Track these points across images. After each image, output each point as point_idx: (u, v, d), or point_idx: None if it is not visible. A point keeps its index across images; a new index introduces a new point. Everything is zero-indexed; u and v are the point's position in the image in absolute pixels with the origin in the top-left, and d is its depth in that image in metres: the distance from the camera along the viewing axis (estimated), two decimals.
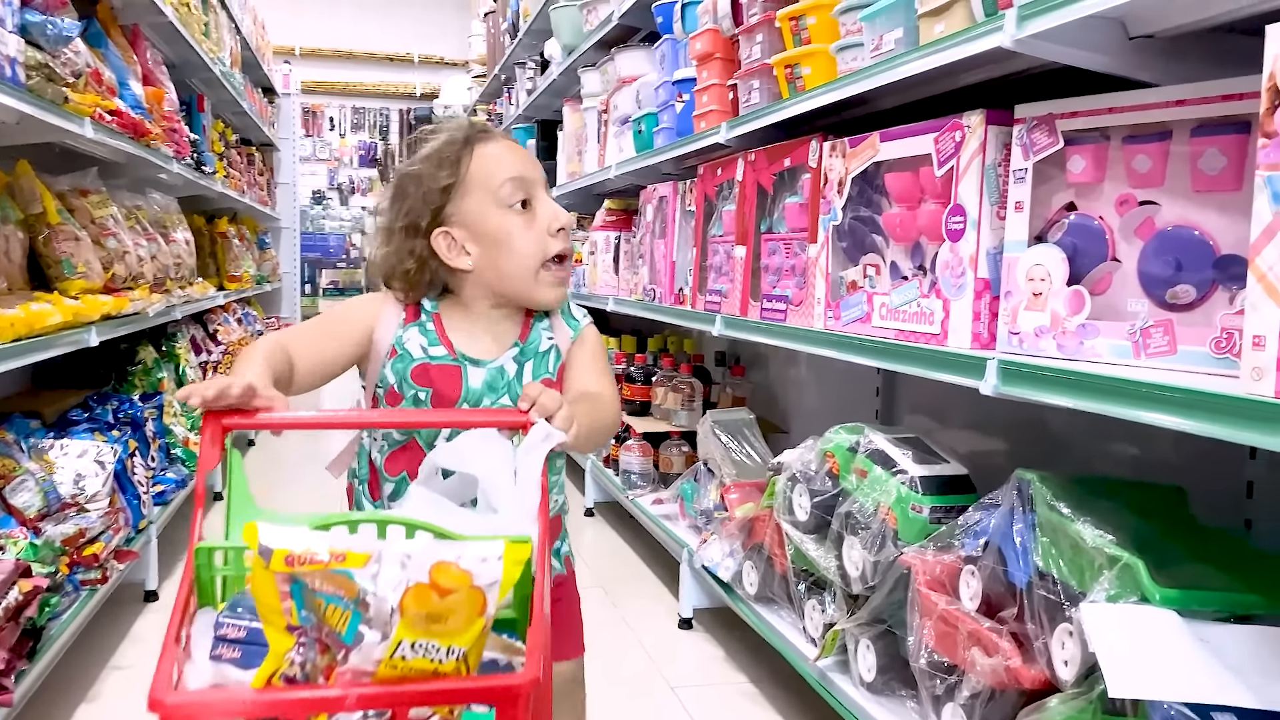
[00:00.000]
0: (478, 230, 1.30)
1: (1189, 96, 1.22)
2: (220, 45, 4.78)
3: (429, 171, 1.31)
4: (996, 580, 1.40)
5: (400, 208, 1.33)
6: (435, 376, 1.30)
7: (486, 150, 1.32)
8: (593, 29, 3.63)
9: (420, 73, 10.99)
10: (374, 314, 1.33)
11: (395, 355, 1.30)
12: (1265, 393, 0.95)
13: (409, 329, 1.32)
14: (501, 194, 1.29)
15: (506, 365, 1.33)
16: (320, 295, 10.57)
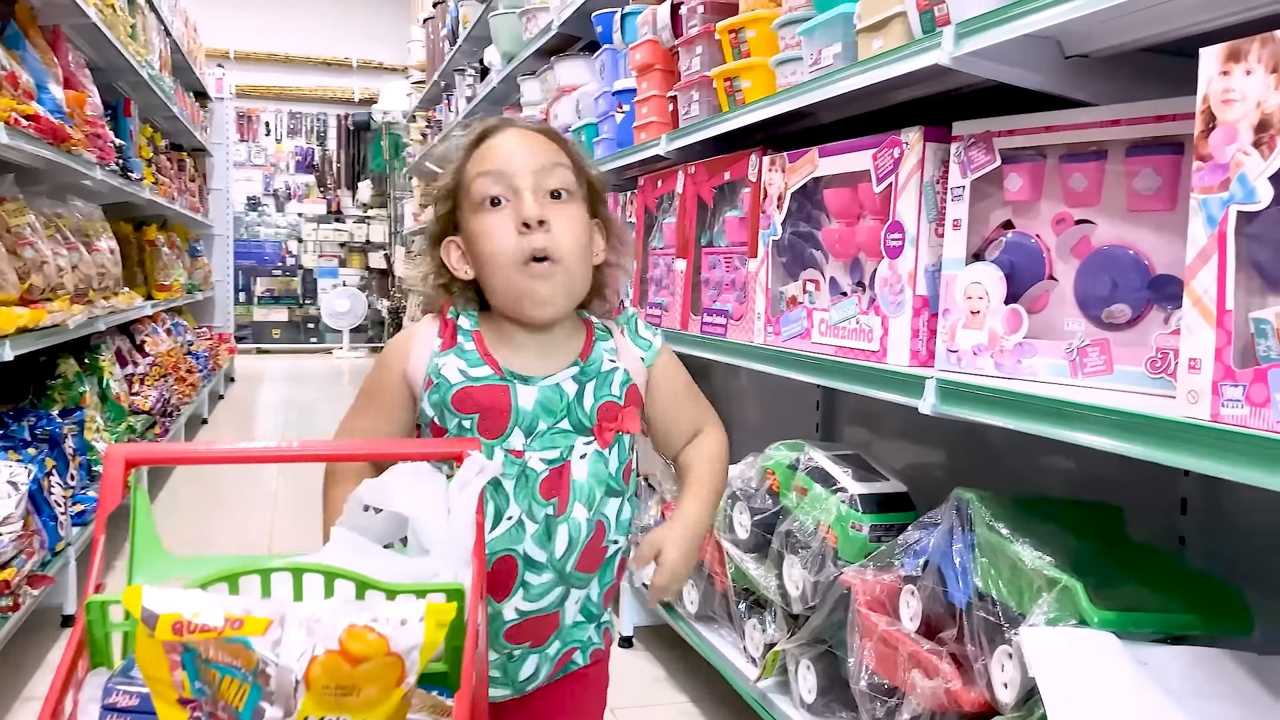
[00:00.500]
0: (467, 238, 1.20)
1: (1124, 116, 1.22)
2: (148, 48, 4.65)
3: (443, 180, 1.23)
4: (936, 600, 1.39)
5: (429, 214, 1.26)
6: (480, 399, 1.16)
7: (483, 148, 1.20)
8: (532, 37, 3.59)
9: (359, 78, 10.86)
10: (402, 354, 1.21)
11: (431, 386, 1.17)
12: (1201, 416, 0.94)
13: (445, 355, 1.18)
14: (474, 192, 1.17)
15: (565, 384, 1.19)
16: (255, 304, 10.37)
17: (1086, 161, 1.29)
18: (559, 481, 1.18)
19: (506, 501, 1.16)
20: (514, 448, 1.17)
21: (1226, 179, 0.92)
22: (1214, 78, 0.93)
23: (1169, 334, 1.14)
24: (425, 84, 6.81)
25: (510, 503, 1.16)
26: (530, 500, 1.17)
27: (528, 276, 1.15)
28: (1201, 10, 1.17)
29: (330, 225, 10.84)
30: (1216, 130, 0.93)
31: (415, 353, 1.20)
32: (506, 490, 1.16)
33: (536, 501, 1.17)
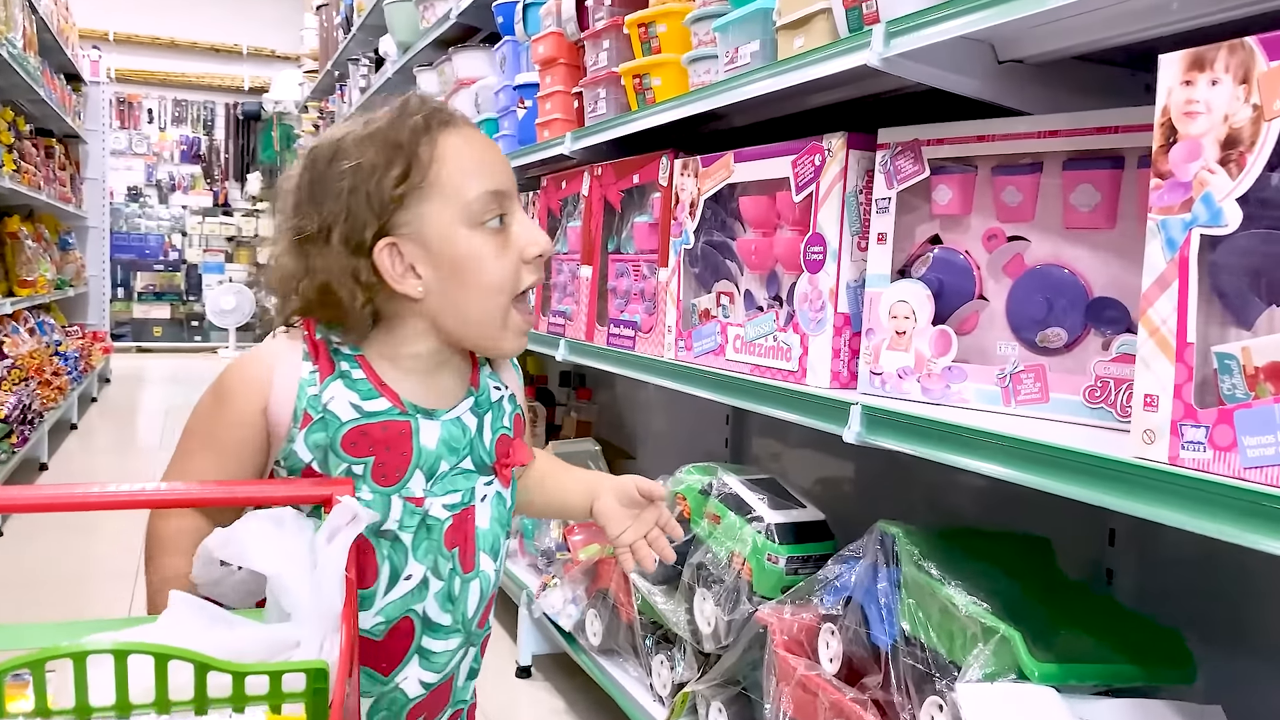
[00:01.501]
0: (436, 251, 0.97)
1: (1063, 127, 1.15)
2: (9, 24, 4.29)
3: (375, 160, 0.96)
4: (858, 642, 1.29)
5: (330, 207, 0.96)
6: (377, 440, 0.98)
7: (454, 142, 0.99)
8: (429, 26, 3.42)
9: (249, 65, 10.41)
10: (257, 386, 0.98)
11: (310, 423, 0.96)
12: (1158, 458, 0.86)
13: (328, 384, 0.98)
14: (474, 208, 0.98)
15: (465, 417, 1.04)
16: (135, 300, 9.84)
17: (1021, 174, 1.21)
18: (463, 530, 1.03)
19: (405, 559, 1.00)
20: (413, 494, 1.00)
21: (1189, 199, 0.84)
22: (1175, 87, 0.85)
23: (1109, 361, 1.07)
24: (318, 73, 6.52)
25: (409, 559, 1.00)
26: (435, 555, 1.01)
27: (518, 310, 1.02)
28: (1145, 17, 1.09)
29: (217, 218, 10.35)
30: (1178, 145, 0.84)
31: (278, 384, 0.98)
32: (405, 544, 1.00)
33: (442, 555, 1.02)
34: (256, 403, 0.98)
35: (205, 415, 1.01)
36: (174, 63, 10.25)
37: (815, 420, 1.30)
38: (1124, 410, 1.05)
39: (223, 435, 0.99)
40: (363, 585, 0.98)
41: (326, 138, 1.01)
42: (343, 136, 1.00)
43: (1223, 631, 1.25)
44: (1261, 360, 0.81)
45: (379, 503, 0.99)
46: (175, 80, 10.29)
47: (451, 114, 1.03)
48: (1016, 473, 0.98)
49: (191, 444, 1.01)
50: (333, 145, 0.99)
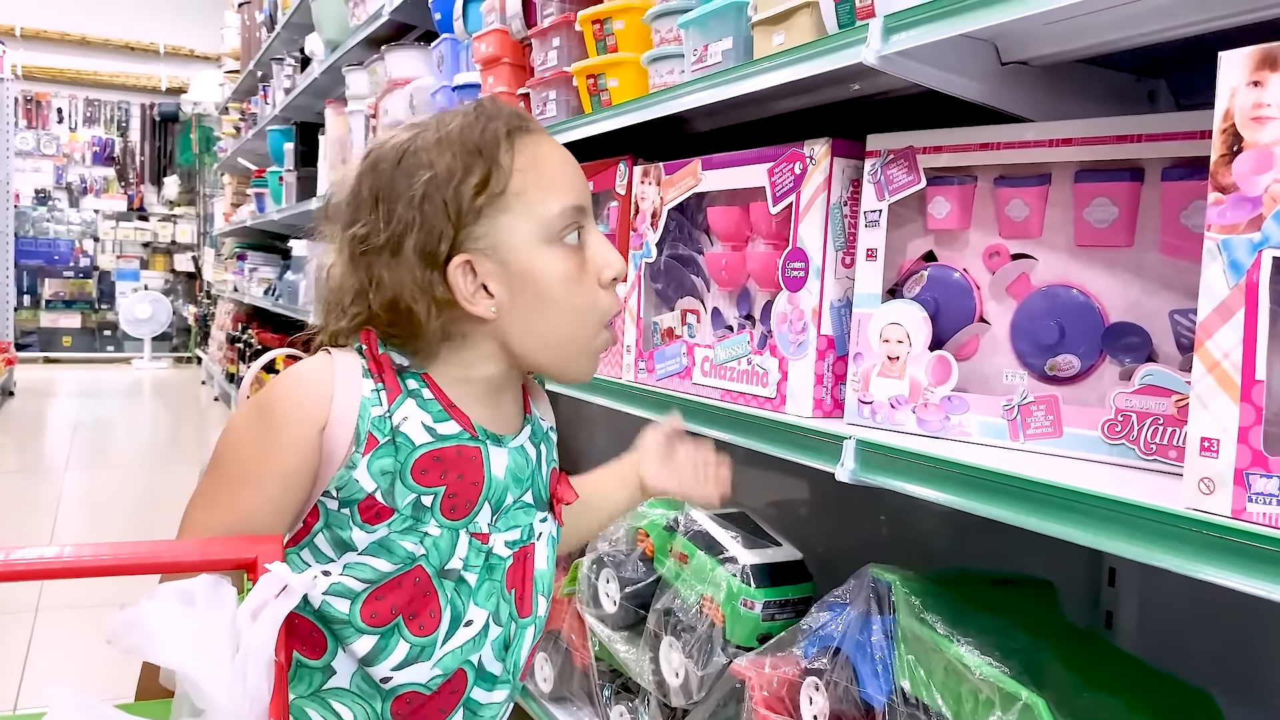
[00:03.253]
0: (514, 268, 0.88)
1: (1075, 135, 1.04)
2: None
3: (452, 165, 0.87)
4: (848, 699, 1.17)
5: (401, 215, 0.87)
6: (450, 467, 0.88)
7: (535, 151, 0.91)
8: (360, 24, 3.24)
9: (166, 65, 10.03)
10: (316, 405, 0.86)
11: (375, 446, 0.86)
12: (1219, 511, 0.75)
13: (399, 404, 0.88)
14: (555, 224, 0.89)
15: (526, 447, 0.96)
16: (42, 308, 9.37)
17: (1027, 186, 1.10)
18: (522, 570, 0.95)
19: (467, 602, 0.90)
20: (480, 530, 0.91)
21: (1258, 216, 0.73)
22: (1240, 89, 0.74)
23: (1132, 393, 0.97)
24: (240, 74, 6.26)
25: (471, 603, 0.91)
26: (498, 598, 0.93)
27: (603, 341, 0.95)
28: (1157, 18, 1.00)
29: (132, 223, 9.93)
30: (1244, 154, 0.74)
31: (339, 403, 0.86)
32: (470, 586, 0.91)
33: (503, 598, 0.93)
34: (315, 424, 0.86)
35: (252, 440, 0.88)
36: (86, 60, 9.83)
37: (802, 456, 1.17)
38: (1148, 447, 0.95)
39: (274, 464, 0.86)
40: (424, 634, 0.89)
41: (392, 141, 0.92)
42: (411, 139, 0.90)
43: (1232, 679, 1.16)
44: None
45: (446, 538, 0.89)
46: (87, 79, 9.87)
47: (530, 120, 0.93)
48: (1050, 524, 0.87)
49: (231, 474, 0.88)
50: (400, 148, 0.90)
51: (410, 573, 0.87)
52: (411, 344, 0.90)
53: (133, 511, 3.98)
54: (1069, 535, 0.85)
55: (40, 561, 0.73)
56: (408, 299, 0.87)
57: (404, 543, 0.87)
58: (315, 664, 0.88)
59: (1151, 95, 1.23)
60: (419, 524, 0.88)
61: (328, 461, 0.86)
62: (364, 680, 0.89)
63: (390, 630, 0.87)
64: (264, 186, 5.36)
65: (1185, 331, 0.99)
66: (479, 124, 0.90)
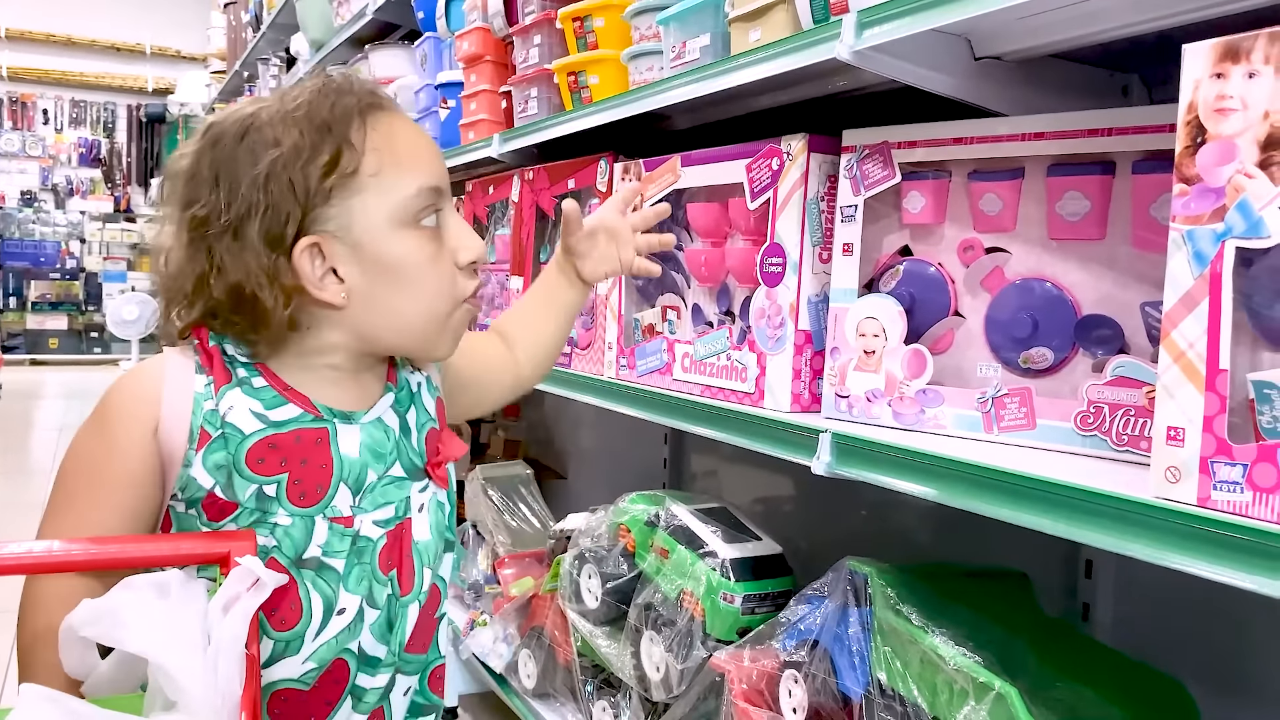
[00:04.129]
0: (366, 252, 0.85)
1: (1048, 129, 1.05)
2: None
3: (299, 143, 0.82)
4: (826, 691, 1.18)
5: (245, 195, 0.82)
6: (290, 452, 0.84)
7: (389, 129, 0.87)
8: (344, 23, 3.24)
9: (153, 66, 10.00)
10: (145, 405, 0.83)
11: (208, 441, 0.83)
12: (1184, 499, 0.76)
13: (225, 394, 0.84)
14: (411, 205, 0.86)
15: (386, 416, 0.92)
16: (29, 310, 9.33)
17: (1000, 180, 1.11)
18: (399, 547, 0.90)
19: (336, 590, 0.86)
20: (341, 514, 0.87)
21: (1221, 207, 0.74)
22: (1203, 80, 0.75)
23: (1104, 385, 0.97)
24: (226, 74, 6.25)
25: (341, 590, 0.86)
26: (370, 581, 0.88)
27: (461, 318, 0.92)
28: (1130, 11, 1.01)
29: (118, 225, 9.90)
30: (1208, 146, 0.75)
31: (169, 400, 0.83)
32: (336, 572, 0.87)
33: (377, 580, 0.88)
34: (146, 424, 0.83)
35: (87, 449, 0.86)
36: (72, 61, 9.80)
37: (778, 449, 1.18)
38: (1119, 438, 0.96)
39: (111, 470, 0.84)
40: (285, 628, 0.84)
41: (234, 115, 0.87)
42: (255, 113, 0.86)
43: (1211, 670, 1.17)
44: None
45: (299, 526, 0.85)
46: (73, 80, 9.84)
47: (383, 96, 0.89)
48: (1022, 515, 0.87)
49: (73, 486, 0.85)
50: (243, 122, 0.85)
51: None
52: (254, 334, 0.86)
53: None
54: (1041, 525, 0.86)
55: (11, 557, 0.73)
56: (252, 285, 0.82)
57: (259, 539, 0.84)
58: None
59: (1125, 89, 1.24)
60: (266, 515, 0.84)
61: (169, 463, 0.84)
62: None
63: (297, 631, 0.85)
64: None
65: (1156, 323, 0.99)
66: (329, 99, 0.86)
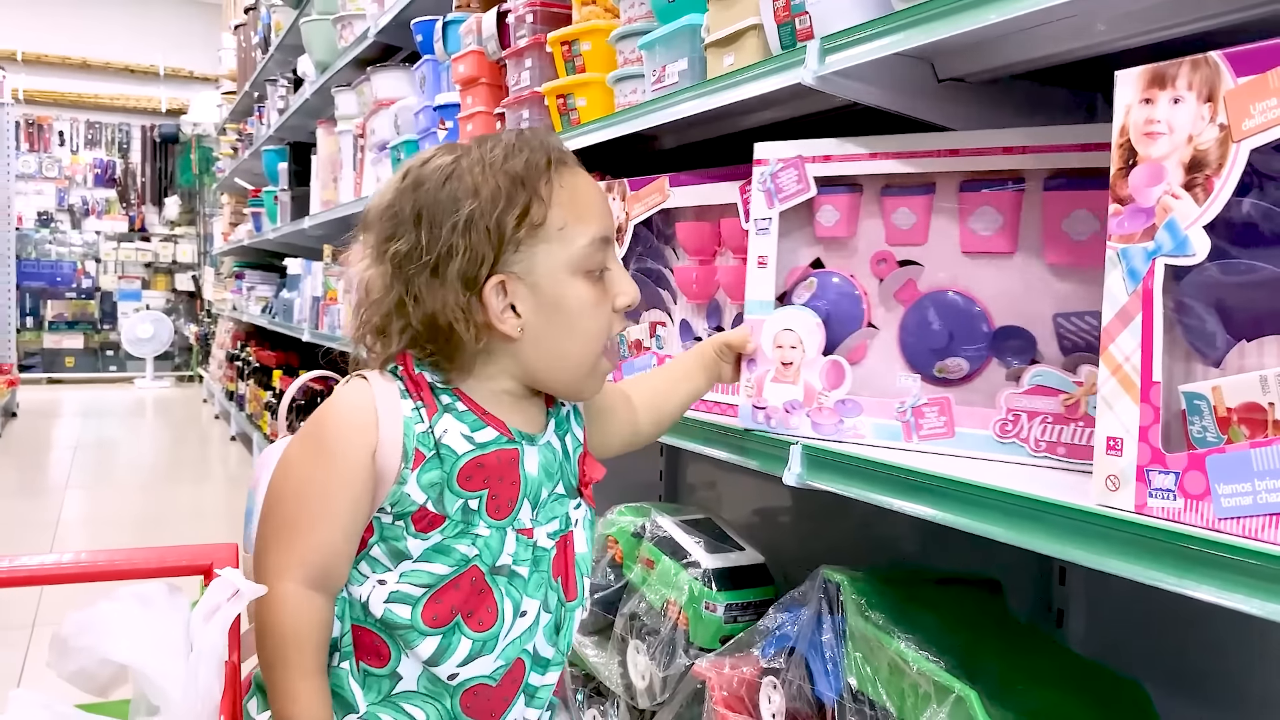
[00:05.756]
0: (543, 294, 0.93)
1: (964, 146, 1.09)
2: None
3: (496, 193, 0.91)
4: (802, 697, 1.21)
5: (445, 237, 0.91)
6: (491, 471, 0.93)
7: (573, 184, 0.95)
8: (348, 45, 3.30)
9: (166, 87, 10.11)
10: (364, 430, 0.90)
11: (422, 461, 0.91)
12: (1123, 506, 0.79)
13: (438, 419, 0.92)
14: (585, 255, 0.94)
15: (552, 439, 1.01)
16: (45, 329, 9.44)
17: (913, 195, 1.15)
18: (565, 557, 1.00)
19: (521, 594, 0.95)
20: (524, 526, 0.96)
21: (1151, 226, 0.77)
22: (1134, 105, 0.79)
23: (1022, 394, 1.02)
24: (236, 95, 6.33)
25: (524, 595, 0.96)
26: (546, 587, 0.98)
27: (606, 357, 0.99)
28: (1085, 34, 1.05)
29: (133, 244, 10.01)
30: (1138, 168, 0.78)
31: (384, 426, 0.91)
32: (522, 579, 0.96)
33: (550, 587, 0.98)
34: (367, 450, 0.90)
35: (311, 476, 0.91)
36: (87, 84, 9.91)
37: (752, 461, 1.21)
38: (1037, 445, 1.01)
39: (339, 495, 0.90)
40: (483, 629, 0.93)
41: (434, 162, 0.96)
42: (454, 161, 0.94)
43: (1182, 678, 1.20)
44: (1234, 401, 0.74)
45: (495, 537, 0.94)
46: (88, 102, 9.95)
47: (565, 152, 0.97)
48: (972, 521, 0.91)
49: (298, 511, 0.90)
50: (444, 170, 0.94)
51: (466, 573, 0.92)
52: (449, 362, 0.95)
53: (132, 529, 4.02)
54: (988, 532, 0.89)
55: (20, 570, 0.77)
56: (448, 317, 0.91)
57: (458, 546, 0.92)
58: (381, 672, 0.92)
59: (1090, 107, 1.27)
60: (470, 527, 0.92)
61: (381, 481, 0.91)
62: (431, 680, 0.93)
63: (451, 629, 0.91)
64: (260, 206, 5.42)
65: (1067, 334, 1.03)
66: (523, 153, 0.94)
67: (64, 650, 0.78)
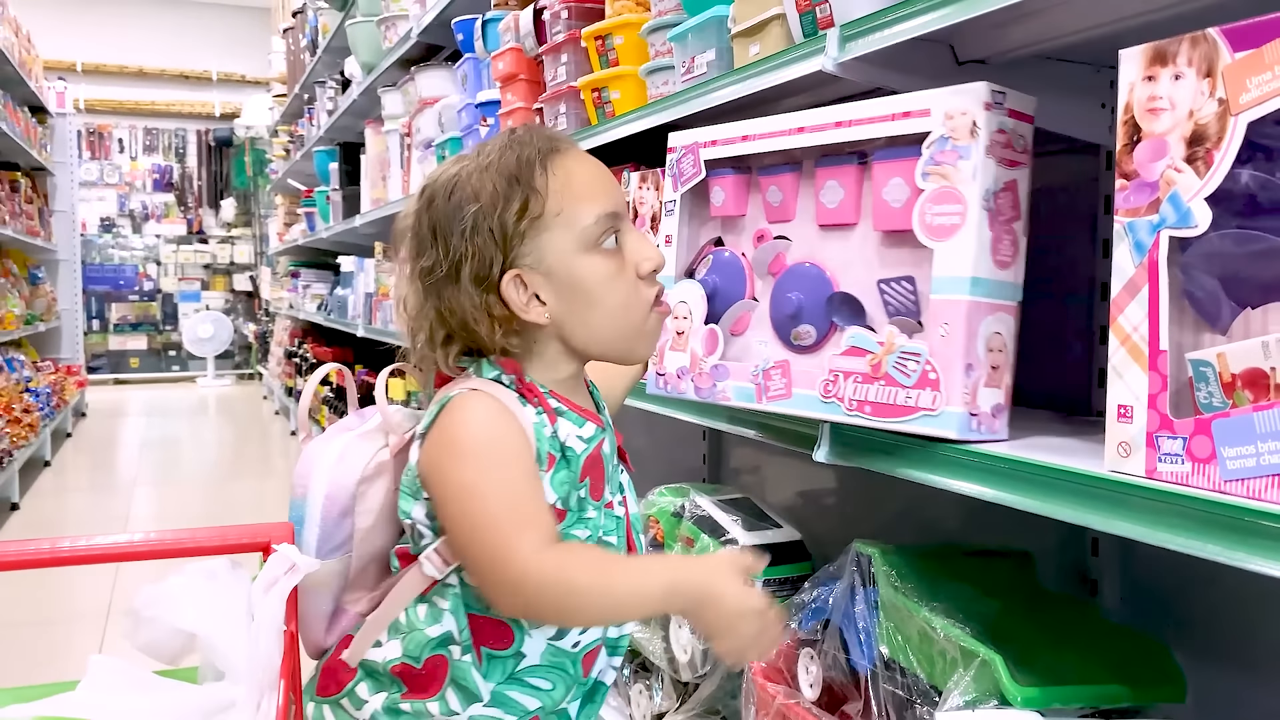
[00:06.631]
0: (558, 278, 0.98)
1: (810, 123, 1.13)
2: None
3: (494, 196, 0.97)
4: (838, 667, 1.25)
5: (456, 245, 0.97)
6: (595, 462, 1.02)
7: (565, 169, 0.99)
8: (392, 46, 3.37)
9: (220, 91, 10.34)
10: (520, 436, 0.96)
11: (555, 464, 0.97)
12: (1134, 472, 0.82)
13: (560, 424, 0.99)
14: (590, 233, 0.98)
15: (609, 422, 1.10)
16: (110, 331, 9.74)
17: (781, 174, 1.22)
18: (626, 521, 1.08)
19: None
20: (608, 499, 1.05)
21: (1156, 199, 0.80)
22: (1137, 83, 0.81)
23: (839, 355, 1.08)
24: (287, 97, 6.47)
25: None
26: (623, 550, 1.06)
27: (655, 322, 1.04)
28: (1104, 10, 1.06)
29: (191, 246, 10.27)
30: (1142, 144, 0.81)
31: (525, 432, 0.96)
32: (613, 545, 1.05)
33: (622, 549, 1.06)
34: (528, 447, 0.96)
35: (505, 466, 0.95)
36: (143, 91, 10.17)
37: (784, 441, 1.25)
38: (850, 404, 1.06)
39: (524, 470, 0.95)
40: None
41: (443, 176, 1.02)
42: (457, 172, 1.01)
43: (1214, 643, 1.21)
44: (1238, 366, 0.77)
45: (598, 518, 1.02)
46: (145, 109, 10.21)
47: (558, 140, 1.03)
48: (995, 491, 0.94)
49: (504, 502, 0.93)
50: (449, 183, 1.00)
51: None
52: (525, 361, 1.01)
53: (198, 522, 4.16)
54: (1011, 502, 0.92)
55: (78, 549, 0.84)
56: (473, 320, 0.98)
57: (576, 532, 0.99)
58: (505, 653, 0.99)
59: (1112, 84, 1.28)
60: (584, 513, 1.00)
61: None
62: (554, 653, 1.00)
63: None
64: (313, 206, 5.55)
65: (889, 299, 1.08)
66: (514, 151, 0.99)
67: (137, 622, 0.85)
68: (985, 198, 0.96)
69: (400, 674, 0.97)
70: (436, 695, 0.96)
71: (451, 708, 0.96)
